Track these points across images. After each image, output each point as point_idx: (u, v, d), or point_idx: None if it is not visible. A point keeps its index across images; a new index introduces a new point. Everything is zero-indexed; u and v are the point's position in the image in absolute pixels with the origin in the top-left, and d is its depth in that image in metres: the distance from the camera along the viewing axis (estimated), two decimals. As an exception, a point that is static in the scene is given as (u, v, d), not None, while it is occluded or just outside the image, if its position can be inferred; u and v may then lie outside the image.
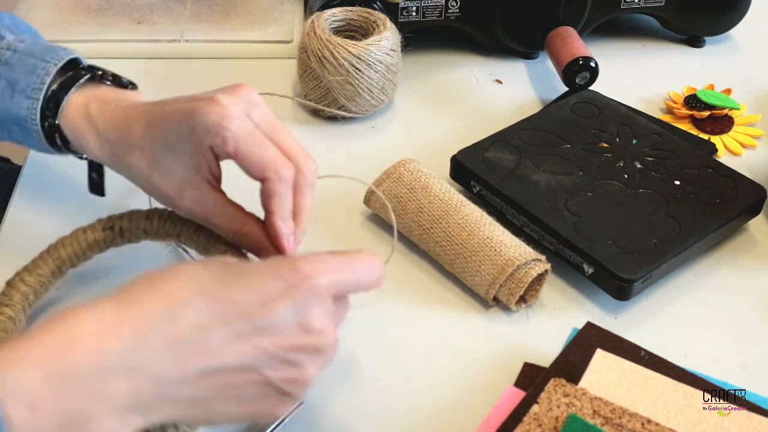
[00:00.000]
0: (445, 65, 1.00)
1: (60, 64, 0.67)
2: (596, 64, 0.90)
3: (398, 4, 0.95)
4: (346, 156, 0.87)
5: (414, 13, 0.97)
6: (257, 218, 0.62)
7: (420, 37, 0.99)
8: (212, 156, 0.60)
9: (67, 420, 0.45)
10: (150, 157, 0.62)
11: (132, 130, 0.63)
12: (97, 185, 0.74)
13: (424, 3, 0.96)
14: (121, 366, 0.47)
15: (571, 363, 0.65)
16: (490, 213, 0.75)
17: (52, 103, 0.66)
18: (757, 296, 0.74)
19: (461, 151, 0.81)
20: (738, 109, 0.93)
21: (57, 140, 0.68)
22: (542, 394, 0.62)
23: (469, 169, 0.79)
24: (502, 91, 0.97)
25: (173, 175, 0.61)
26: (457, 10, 0.97)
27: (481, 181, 0.78)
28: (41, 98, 0.66)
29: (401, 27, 0.96)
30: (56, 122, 0.67)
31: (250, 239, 0.62)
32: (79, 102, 0.66)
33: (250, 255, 0.63)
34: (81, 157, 0.72)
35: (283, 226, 0.60)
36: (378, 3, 0.94)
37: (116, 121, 0.64)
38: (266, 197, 0.60)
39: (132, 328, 0.47)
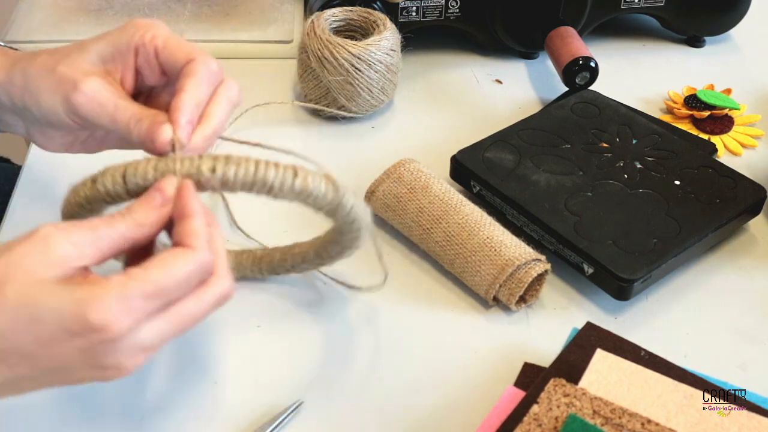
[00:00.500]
0: (445, 65, 1.00)
1: None
2: (596, 64, 0.90)
3: (398, 4, 0.95)
4: (346, 156, 0.87)
5: (414, 13, 0.97)
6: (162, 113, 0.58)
7: (420, 37, 0.99)
8: (133, 60, 0.59)
9: None
10: (60, 55, 0.60)
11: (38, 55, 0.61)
12: None
13: (424, 3, 0.96)
14: None
15: (571, 363, 0.65)
16: (490, 213, 0.75)
17: None
18: (757, 296, 0.74)
19: (461, 151, 0.81)
20: (738, 109, 0.93)
21: None
22: (542, 394, 0.62)
23: (469, 169, 0.79)
24: (502, 91, 0.97)
25: (80, 64, 0.59)
26: (457, 10, 0.97)
27: (481, 181, 0.78)
28: None
29: (401, 27, 0.96)
30: None
31: (145, 122, 0.57)
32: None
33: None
34: None
35: (188, 105, 0.56)
36: (378, 3, 0.94)
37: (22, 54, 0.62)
38: (183, 76, 0.57)
39: None
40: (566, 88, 0.93)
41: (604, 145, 0.82)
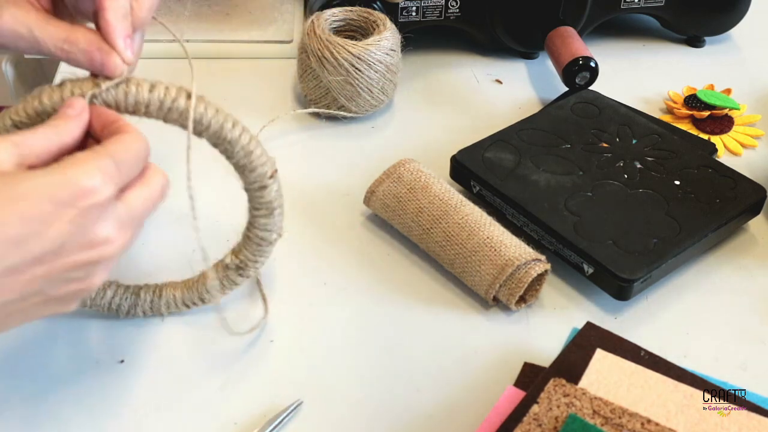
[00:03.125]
0: (445, 65, 1.00)
1: None
2: (596, 64, 0.91)
3: (398, 4, 0.95)
4: (347, 156, 0.87)
5: (414, 13, 0.97)
6: (87, 27, 0.57)
7: (420, 37, 0.99)
8: None
9: None
10: None
11: None
12: None
13: (424, 3, 0.96)
14: None
15: (571, 363, 0.65)
16: (490, 213, 0.75)
17: None
18: (757, 296, 0.74)
19: (461, 151, 0.81)
20: (738, 109, 0.93)
21: None
22: (542, 394, 0.62)
23: (469, 169, 0.79)
24: (502, 91, 0.97)
25: None
26: (457, 10, 0.97)
27: (481, 181, 0.78)
28: None
29: (401, 27, 0.96)
30: None
31: (80, 46, 0.56)
32: None
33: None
34: None
35: (119, 22, 0.56)
36: (378, 3, 0.94)
37: None
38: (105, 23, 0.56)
39: None
40: (566, 88, 0.93)
41: (604, 145, 0.82)
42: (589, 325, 0.69)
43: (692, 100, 0.93)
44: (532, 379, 0.65)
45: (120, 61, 0.56)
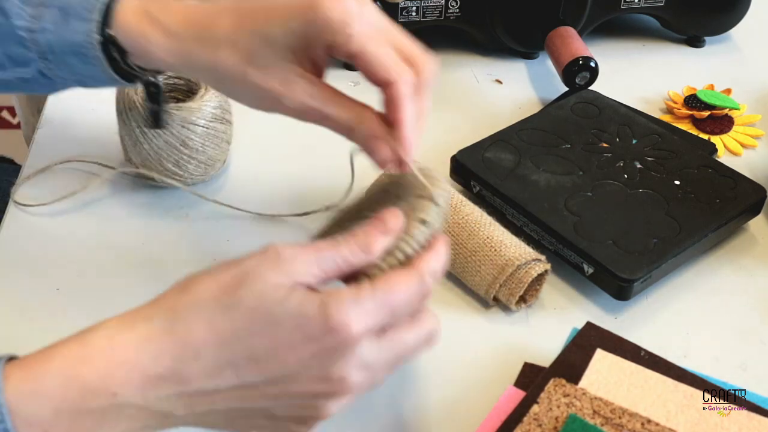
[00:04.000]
0: (445, 65, 1.00)
1: None
2: (596, 64, 0.90)
3: (398, 4, 0.95)
4: (346, 156, 0.86)
5: (414, 13, 0.97)
6: (372, 108, 0.58)
7: (420, 37, 0.99)
8: (324, 53, 0.57)
9: None
10: (245, 52, 0.57)
11: (216, 25, 0.58)
12: (155, 114, 0.70)
13: (424, 3, 0.96)
14: (131, 404, 0.47)
15: (571, 363, 0.65)
16: (490, 213, 0.75)
17: (106, 16, 0.61)
18: (757, 296, 0.74)
19: (461, 151, 0.81)
20: (738, 109, 0.93)
21: (116, 56, 0.62)
22: (542, 394, 0.62)
23: (469, 169, 0.79)
24: (502, 91, 0.97)
25: (275, 70, 0.57)
26: (457, 10, 0.97)
27: (481, 181, 0.78)
28: (97, 18, 0.61)
29: (401, 27, 0.96)
30: (110, 32, 0.61)
31: (366, 129, 0.57)
32: (135, 6, 0.61)
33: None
34: (143, 78, 0.66)
35: (412, 136, 0.57)
36: (378, 3, 0.94)
37: (189, 16, 0.59)
38: (392, 104, 0.56)
39: (141, 373, 0.47)
40: (566, 88, 0.93)
41: (604, 145, 0.82)
42: (589, 325, 0.69)
43: (692, 100, 0.93)
44: (532, 379, 0.65)
45: (390, 154, 0.57)
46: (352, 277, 0.53)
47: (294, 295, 0.48)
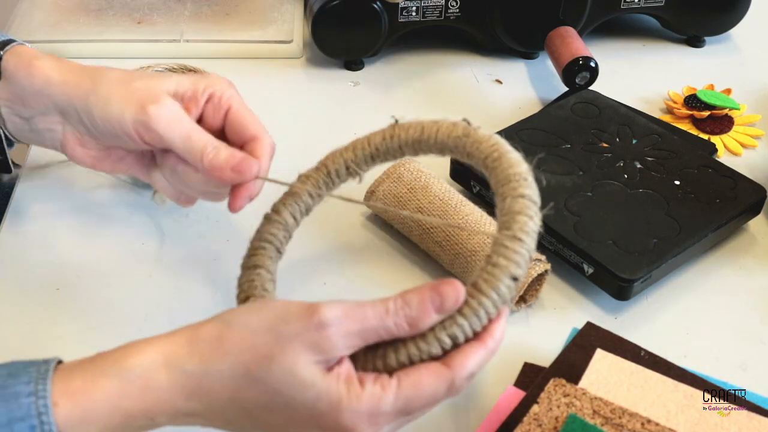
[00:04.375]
0: (445, 65, 1.00)
1: None
2: (596, 64, 0.90)
3: (398, 4, 0.95)
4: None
5: (414, 13, 0.97)
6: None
7: (420, 37, 0.99)
8: (203, 105, 0.64)
9: None
10: (134, 75, 0.64)
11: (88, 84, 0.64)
12: (2, 163, 0.73)
13: (424, 3, 0.96)
14: (164, 422, 0.52)
15: (571, 363, 0.65)
16: (490, 213, 0.75)
17: None
18: (757, 296, 0.74)
19: (461, 151, 0.81)
20: (738, 109, 0.93)
21: None
22: (542, 394, 0.62)
23: (469, 169, 0.79)
24: (502, 91, 0.97)
25: (157, 87, 0.63)
26: (457, 10, 0.97)
27: (481, 181, 0.78)
28: None
29: (401, 27, 0.97)
30: None
31: (224, 156, 0.61)
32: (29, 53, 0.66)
33: None
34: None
35: (266, 162, 0.63)
36: (378, 3, 0.94)
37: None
38: (253, 151, 0.63)
39: (175, 409, 0.51)
40: (566, 88, 0.93)
41: (604, 145, 0.82)
42: (589, 325, 0.69)
43: (692, 100, 0.93)
44: (532, 379, 0.65)
45: (256, 167, 0.62)
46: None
47: (318, 385, 0.50)
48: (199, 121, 0.64)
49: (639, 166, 0.80)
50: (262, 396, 0.50)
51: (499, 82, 0.98)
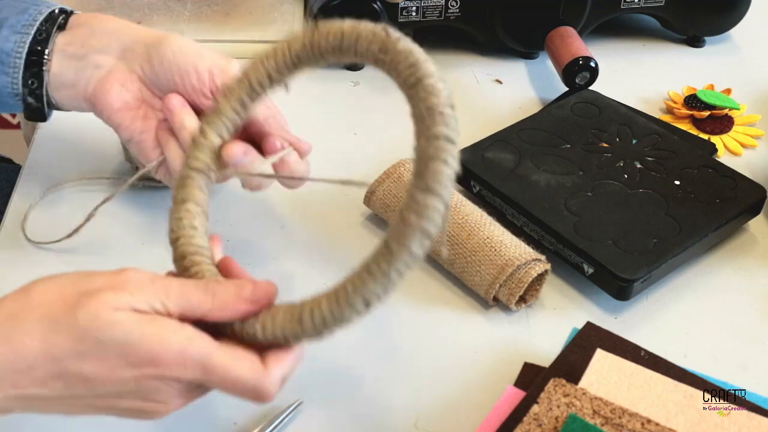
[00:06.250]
0: (445, 65, 1.00)
1: (53, 8, 0.70)
2: (596, 64, 0.90)
3: (398, 4, 0.95)
4: (347, 157, 0.86)
5: (414, 13, 0.97)
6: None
7: (420, 37, 0.99)
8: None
9: None
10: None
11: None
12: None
13: (424, 3, 0.96)
14: None
15: (571, 363, 0.65)
16: (490, 213, 0.75)
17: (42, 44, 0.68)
18: (757, 296, 0.74)
19: (461, 151, 0.79)
20: (738, 109, 0.93)
21: (42, 73, 0.69)
22: (542, 394, 0.62)
23: (469, 169, 0.79)
24: (502, 91, 0.97)
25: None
26: (457, 10, 0.97)
27: (481, 181, 0.78)
28: (31, 34, 0.68)
29: (401, 27, 0.96)
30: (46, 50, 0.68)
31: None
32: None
33: None
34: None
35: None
36: (378, 3, 0.94)
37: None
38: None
39: None
40: (566, 88, 0.93)
41: (604, 145, 0.82)
42: (589, 325, 0.69)
43: (692, 100, 0.93)
44: (532, 379, 0.65)
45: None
46: None
47: (126, 322, 0.49)
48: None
49: (639, 166, 0.80)
50: (71, 343, 0.49)
51: (499, 82, 0.98)
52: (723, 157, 0.88)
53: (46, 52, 0.69)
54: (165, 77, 0.66)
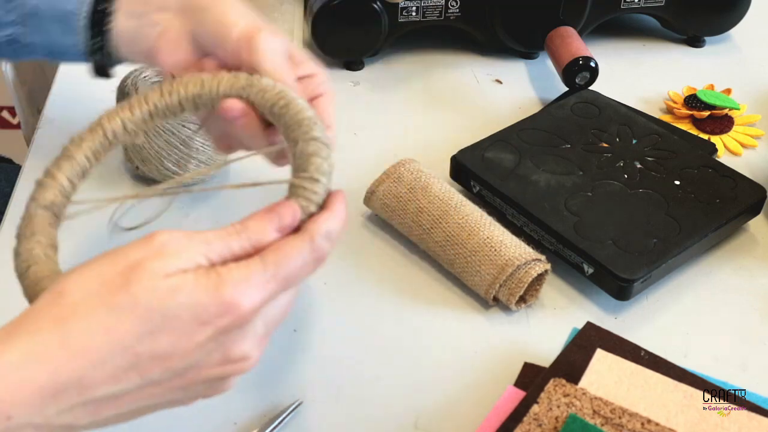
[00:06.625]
0: (445, 65, 1.00)
1: None
2: (596, 64, 0.91)
3: (398, 4, 0.95)
4: (348, 158, 0.86)
5: (414, 13, 0.97)
6: None
7: (420, 37, 0.99)
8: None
9: None
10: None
11: None
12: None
13: (424, 3, 0.96)
14: (28, 424, 0.45)
15: (571, 363, 0.65)
16: (490, 213, 0.75)
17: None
18: (757, 296, 0.74)
19: (461, 151, 0.81)
20: (738, 109, 0.93)
21: (104, 27, 0.67)
22: (542, 394, 0.62)
23: (469, 169, 0.79)
24: (502, 91, 0.97)
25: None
26: (457, 10, 0.97)
27: (481, 181, 0.78)
28: None
29: (401, 27, 0.97)
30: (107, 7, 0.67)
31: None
32: None
33: None
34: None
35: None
36: (378, 3, 0.94)
37: None
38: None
39: (37, 391, 0.45)
40: (566, 88, 0.93)
41: (604, 145, 0.82)
42: (589, 325, 0.69)
43: (692, 100, 0.93)
44: (532, 379, 0.65)
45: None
46: None
47: (185, 283, 0.47)
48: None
49: (639, 166, 0.80)
50: (138, 323, 0.46)
51: (499, 82, 0.98)
52: (723, 157, 0.88)
53: (110, 10, 0.67)
54: (206, 41, 0.64)
